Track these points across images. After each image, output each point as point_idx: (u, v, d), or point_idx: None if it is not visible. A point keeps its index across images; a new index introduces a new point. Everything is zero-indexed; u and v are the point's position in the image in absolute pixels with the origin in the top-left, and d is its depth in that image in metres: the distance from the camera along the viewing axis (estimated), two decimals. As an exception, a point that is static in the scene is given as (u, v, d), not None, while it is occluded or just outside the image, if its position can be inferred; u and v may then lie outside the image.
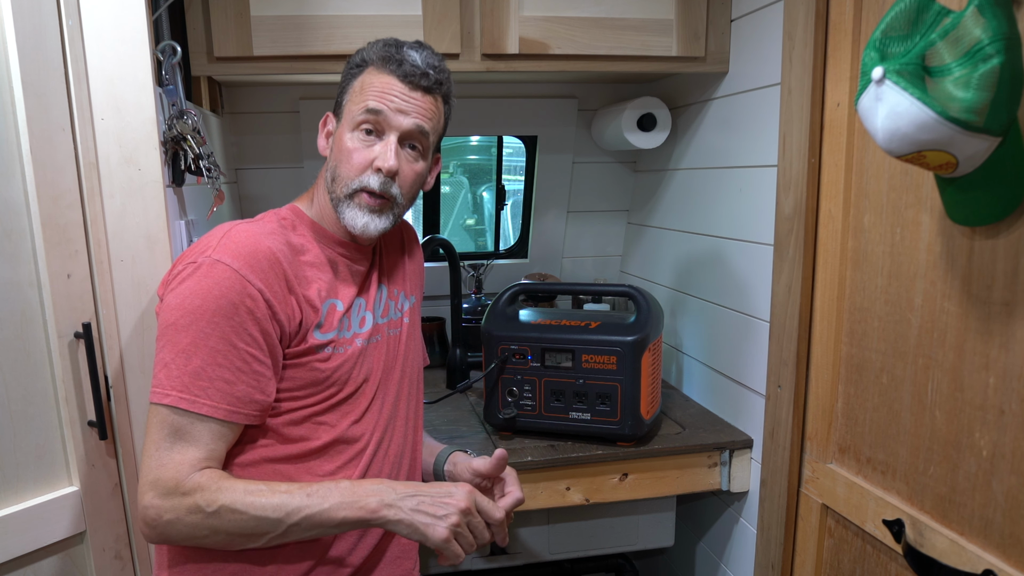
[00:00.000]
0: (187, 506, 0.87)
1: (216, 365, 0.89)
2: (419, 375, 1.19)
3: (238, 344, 0.90)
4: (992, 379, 0.93)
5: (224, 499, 0.87)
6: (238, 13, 1.35)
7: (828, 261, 1.23)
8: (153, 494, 0.87)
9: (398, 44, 1.02)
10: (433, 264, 2.06)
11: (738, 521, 1.55)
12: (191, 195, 1.35)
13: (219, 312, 0.89)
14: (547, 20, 1.45)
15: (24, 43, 1.00)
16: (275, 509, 0.88)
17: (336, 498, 0.90)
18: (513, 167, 2.25)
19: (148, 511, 0.88)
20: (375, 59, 1.01)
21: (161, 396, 0.89)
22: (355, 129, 1.00)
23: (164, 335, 0.90)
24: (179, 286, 0.91)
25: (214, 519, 0.87)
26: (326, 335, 1.00)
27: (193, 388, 0.89)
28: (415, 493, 0.92)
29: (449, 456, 1.17)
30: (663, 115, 1.74)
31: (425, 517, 0.91)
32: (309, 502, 0.89)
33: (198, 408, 0.89)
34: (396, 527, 0.91)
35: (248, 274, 0.91)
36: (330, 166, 1.04)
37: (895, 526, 1.09)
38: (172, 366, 0.89)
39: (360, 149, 1.00)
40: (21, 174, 1.03)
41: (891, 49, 0.83)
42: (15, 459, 1.05)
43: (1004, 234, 0.90)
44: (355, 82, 1.02)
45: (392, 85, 0.99)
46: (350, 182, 1.00)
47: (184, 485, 0.87)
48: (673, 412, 1.62)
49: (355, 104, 1.01)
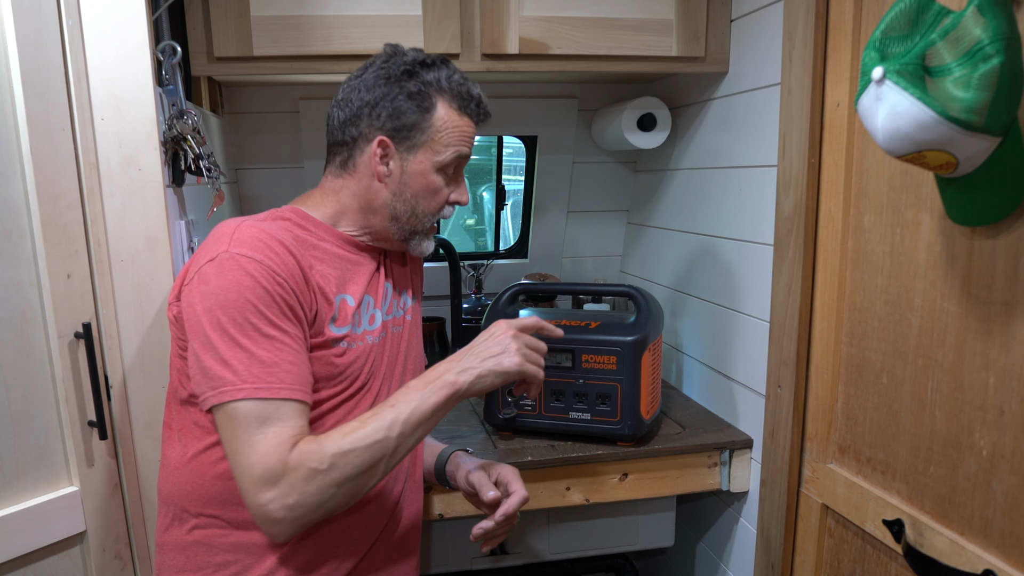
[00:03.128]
0: (303, 477, 0.85)
1: (276, 350, 0.89)
2: (421, 373, 1.19)
3: (287, 328, 0.91)
4: (992, 379, 0.93)
5: (329, 449, 0.86)
6: (238, 13, 1.35)
7: (828, 261, 1.23)
8: (267, 488, 0.85)
9: (464, 79, 1.04)
10: (433, 264, 2.06)
11: (738, 521, 1.55)
12: (191, 195, 1.35)
13: (259, 301, 0.89)
14: (547, 20, 1.45)
15: (24, 43, 1.00)
16: (376, 431, 0.88)
17: (415, 395, 0.92)
18: (513, 167, 2.25)
19: (270, 506, 0.85)
20: (450, 95, 1.03)
21: (235, 392, 0.86)
22: (441, 170, 1.04)
23: (206, 335, 0.88)
24: (205, 286, 0.90)
25: (332, 472, 0.86)
26: (341, 329, 1.00)
27: (265, 376, 0.87)
28: (468, 352, 0.97)
29: (451, 456, 1.17)
30: (663, 115, 1.74)
31: (492, 360, 0.95)
32: (398, 410, 0.90)
33: (276, 393, 0.87)
34: (479, 383, 0.94)
35: (272, 263, 0.91)
36: (405, 198, 1.04)
37: (895, 526, 1.09)
38: (234, 361, 0.87)
39: (443, 188, 1.06)
40: (21, 174, 1.03)
41: (891, 49, 0.83)
42: (15, 459, 1.05)
43: (1004, 234, 0.90)
44: (432, 117, 1.01)
45: (472, 128, 1.06)
46: (433, 217, 1.07)
47: (290, 462, 0.85)
48: (673, 412, 1.62)
49: (441, 144, 1.03)
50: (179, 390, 0.99)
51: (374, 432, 0.88)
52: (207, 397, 0.88)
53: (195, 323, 0.90)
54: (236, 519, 0.97)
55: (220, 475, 0.96)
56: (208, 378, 0.88)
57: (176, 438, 1.01)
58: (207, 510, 0.97)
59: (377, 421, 0.89)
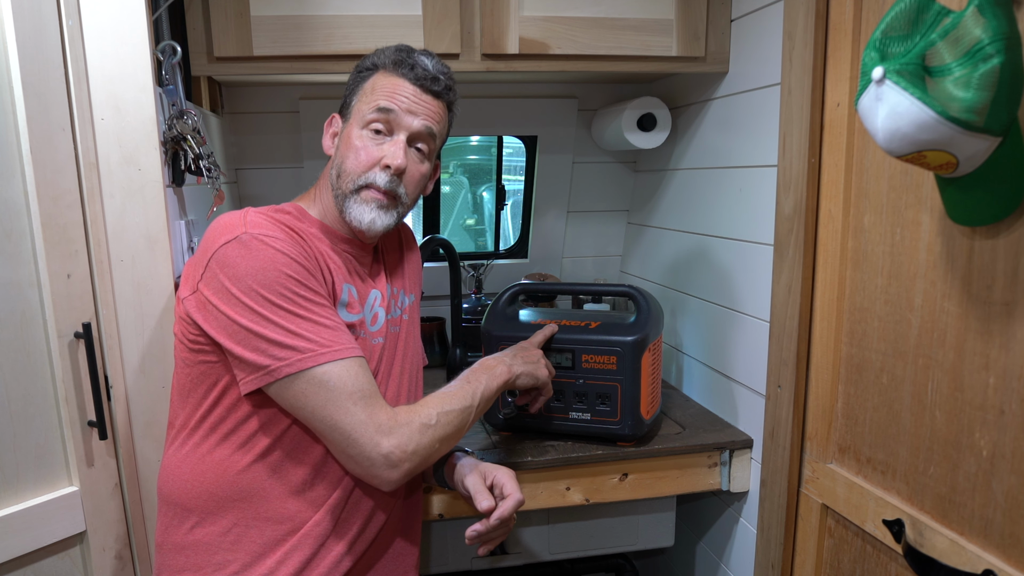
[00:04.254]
0: (417, 429, 0.94)
1: (331, 315, 0.94)
2: (418, 373, 1.20)
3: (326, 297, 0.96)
4: (992, 379, 0.93)
5: (433, 410, 0.97)
6: (238, 13, 1.35)
7: (828, 261, 1.23)
8: (388, 438, 0.92)
9: (410, 50, 1.05)
10: (433, 264, 2.06)
11: (738, 521, 1.55)
12: (191, 195, 1.35)
13: (297, 274, 0.92)
14: (547, 20, 1.45)
15: (24, 43, 1.00)
16: (464, 398, 1.02)
17: (484, 377, 1.08)
18: (513, 167, 2.25)
19: (394, 453, 0.92)
20: (387, 63, 1.04)
21: (317, 357, 0.90)
22: (364, 127, 1.02)
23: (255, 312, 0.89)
24: (232, 269, 0.90)
25: (437, 428, 0.97)
26: (353, 316, 1.02)
27: (338, 339, 0.92)
28: (515, 353, 1.19)
29: (448, 457, 1.17)
30: (663, 115, 1.74)
31: (532, 366, 1.19)
32: (474, 386, 1.05)
33: (352, 352, 0.93)
34: (522, 379, 1.16)
35: (291, 243, 0.94)
36: (335, 163, 1.05)
37: (895, 526, 1.09)
38: (301, 330, 0.90)
39: (369, 147, 1.02)
40: (21, 174, 1.03)
41: (891, 49, 0.83)
42: (15, 459, 1.05)
43: (1004, 234, 0.90)
44: (365, 84, 1.04)
45: (404, 87, 1.02)
46: (357, 178, 1.02)
47: (400, 418, 0.94)
48: (673, 412, 1.62)
49: (365, 104, 1.03)
50: (184, 384, 0.99)
51: (463, 399, 1.02)
52: (279, 367, 0.89)
53: (233, 305, 0.90)
54: (238, 517, 0.97)
55: (223, 470, 0.96)
56: (277, 349, 0.89)
57: (179, 436, 1.01)
58: (208, 506, 0.97)
59: (462, 392, 1.03)
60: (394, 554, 1.11)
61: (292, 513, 0.98)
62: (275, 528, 0.98)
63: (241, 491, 0.97)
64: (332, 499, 0.99)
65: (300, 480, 0.98)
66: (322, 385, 0.90)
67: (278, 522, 0.98)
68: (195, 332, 0.95)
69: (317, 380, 0.90)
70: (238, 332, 0.90)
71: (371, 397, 0.93)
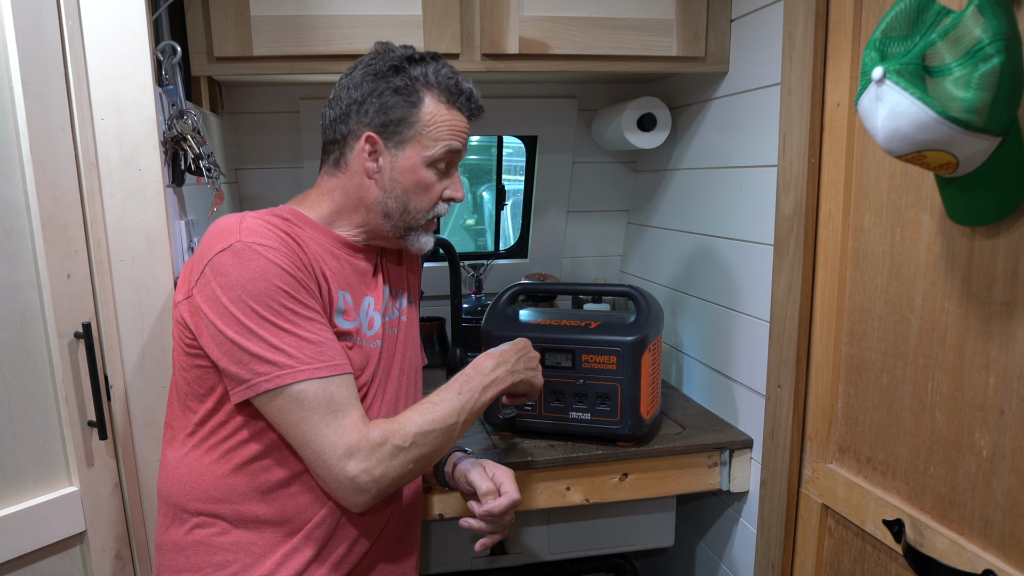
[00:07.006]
0: (388, 453, 0.92)
1: (318, 329, 0.93)
2: (417, 373, 1.19)
3: (317, 308, 0.94)
4: (992, 379, 0.93)
5: (411, 430, 0.94)
6: (238, 13, 1.35)
7: (828, 261, 1.23)
8: (354, 461, 0.90)
9: (453, 72, 1.04)
10: (433, 264, 2.06)
11: (738, 521, 1.55)
12: (191, 195, 1.35)
13: (288, 286, 0.91)
14: (547, 20, 1.45)
15: (24, 43, 1.00)
16: (449, 415, 0.98)
17: (477, 384, 1.04)
18: (513, 167, 2.25)
19: (360, 478, 0.90)
20: (438, 89, 1.02)
21: (296, 374, 0.89)
22: (431, 165, 1.03)
23: (242, 324, 0.89)
24: (225, 278, 0.90)
25: (413, 450, 0.94)
26: (349, 323, 1.01)
27: (320, 355, 0.91)
28: (514, 355, 1.13)
29: (449, 456, 1.17)
30: (663, 115, 1.74)
31: (531, 372, 1.15)
32: (464, 398, 1.01)
33: (334, 370, 0.92)
34: (517, 386, 1.12)
35: (287, 250, 0.93)
36: (396, 194, 1.03)
37: (895, 526, 1.09)
38: (284, 345, 0.89)
39: (435, 185, 1.05)
40: (21, 174, 1.03)
41: (891, 49, 0.83)
42: (15, 459, 1.05)
43: (1004, 234, 0.90)
44: (419, 111, 1.01)
45: (462, 122, 1.05)
46: (427, 213, 1.06)
47: (372, 439, 0.91)
48: (673, 412, 1.62)
49: (429, 139, 1.02)
50: (182, 387, 0.99)
51: (447, 416, 0.98)
52: (258, 383, 0.89)
53: (222, 315, 0.90)
54: (238, 517, 0.97)
55: (223, 471, 0.96)
56: (258, 364, 0.89)
57: (177, 437, 1.01)
58: (208, 508, 0.97)
59: (448, 406, 0.99)
60: (394, 555, 1.11)
61: (293, 514, 0.98)
62: (276, 529, 0.98)
63: (241, 492, 0.97)
64: (333, 500, 0.99)
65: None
66: (297, 403, 0.89)
67: (279, 523, 0.98)
68: (190, 337, 0.95)
69: (293, 397, 0.89)
70: (224, 343, 0.90)
71: (345, 417, 0.91)
